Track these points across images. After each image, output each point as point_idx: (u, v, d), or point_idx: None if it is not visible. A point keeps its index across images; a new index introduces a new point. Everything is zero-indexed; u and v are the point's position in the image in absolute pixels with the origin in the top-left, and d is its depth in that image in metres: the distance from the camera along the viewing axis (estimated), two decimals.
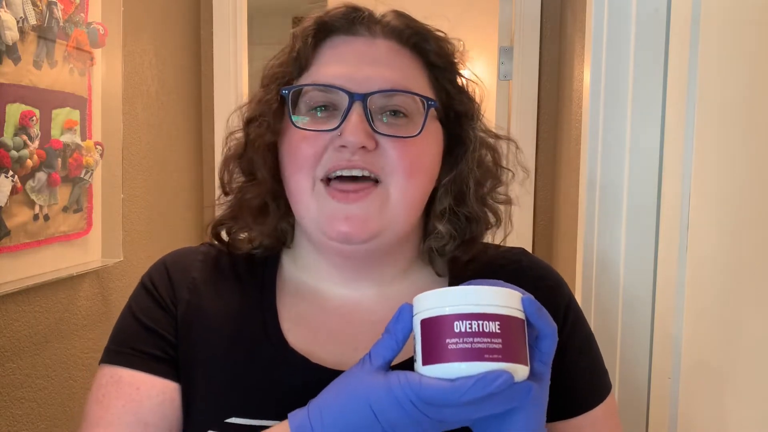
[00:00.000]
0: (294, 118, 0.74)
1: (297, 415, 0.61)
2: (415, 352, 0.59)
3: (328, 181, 0.72)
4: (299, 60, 0.76)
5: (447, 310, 0.56)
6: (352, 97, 0.71)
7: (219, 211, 0.83)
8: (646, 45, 1.11)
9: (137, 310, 0.77)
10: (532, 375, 0.59)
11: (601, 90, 1.21)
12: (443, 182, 0.79)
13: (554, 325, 0.61)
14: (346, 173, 0.71)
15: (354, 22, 0.76)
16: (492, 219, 0.82)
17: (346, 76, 0.72)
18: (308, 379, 0.66)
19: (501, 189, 0.83)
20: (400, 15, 0.78)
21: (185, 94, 2.15)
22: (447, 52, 0.79)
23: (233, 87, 2.21)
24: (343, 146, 0.71)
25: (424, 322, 0.58)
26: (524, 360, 0.57)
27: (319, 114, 0.74)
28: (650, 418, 1.10)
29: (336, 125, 0.71)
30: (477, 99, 0.81)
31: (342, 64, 0.73)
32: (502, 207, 0.83)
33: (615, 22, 1.16)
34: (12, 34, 1.26)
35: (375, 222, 0.72)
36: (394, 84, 0.72)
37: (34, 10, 1.34)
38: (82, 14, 1.51)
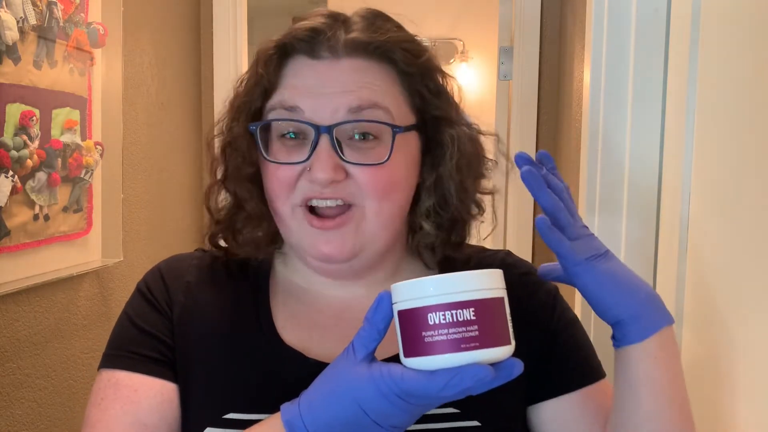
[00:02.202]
0: (265, 152, 0.75)
1: (288, 407, 0.63)
2: (398, 341, 0.59)
3: (307, 208, 0.74)
4: (262, 85, 0.76)
5: (421, 302, 0.56)
6: (318, 129, 0.71)
7: (209, 246, 0.85)
8: (646, 45, 1.11)
9: (133, 314, 0.78)
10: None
11: (601, 90, 1.21)
12: (426, 184, 0.79)
13: (564, 183, 0.69)
14: (321, 204, 0.73)
15: (315, 43, 0.74)
16: (474, 211, 0.83)
17: (311, 105, 0.72)
18: (304, 374, 0.67)
19: (484, 181, 0.83)
20: (366, 27, 0.75)
21: (185, 94, 2.15)
22: (418, 56, 0.77)
23: (233, 87, 2.20)
24: (314, 180, 0.72)
25: (401, 314, 0.58)
26: (506, 339, 0.57)
27: (290, 137, 0.74)
28: None
29: (306, 156, 0.72)
30: (456, 96, 0.81)
31: (305, 91, 0.73)
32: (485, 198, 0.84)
33: (615, 22, 1.16)
34: (12, 34, 1.26)
35: (352, 242, 0.74)
36: (361, 104, 0.72)
37: (34, 10, 1.34)
38: (82, 14, 1.51)
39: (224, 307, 0.78)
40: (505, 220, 2.38)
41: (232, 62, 2.20)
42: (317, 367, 0.68)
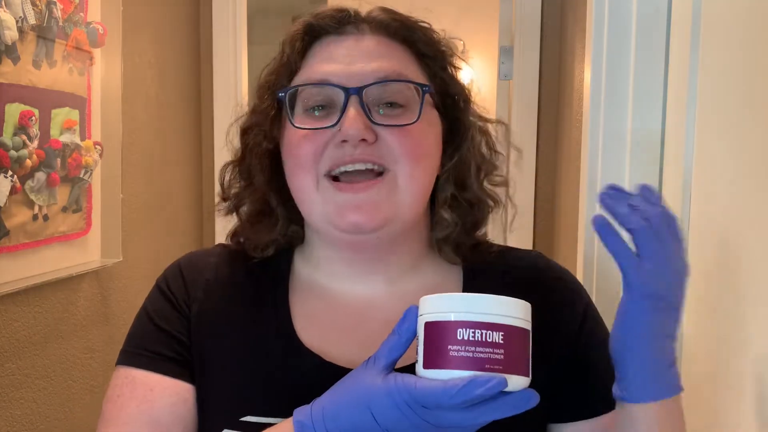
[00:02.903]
0: (292, 118, 0.74)
1: (301, 412, 0.62)
2: (417, 353, 0.59)
3: (332, 178, 0.73)
4: (289, 65, 0.76)
5: (451, 316, 0.56)
6: (347, 91, 0.71)
7: (218, 216, 0.84)
8: (647, 45, 1.11)
9: (152, 311, 0.78)
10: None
11: (601, 90, 1.20)
12: (445, 169, 0.79)
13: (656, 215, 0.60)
14: (350, 168, 0.72)
15: (342, 22, 0.76)
16: (491, 203, 0.83)
17: (340, 73, 0.73)
18: (321, 377, 0.66)
19: (496, 172, 0.84)
20: (385, 10, 0.78)
21: (185, 94, 2.15)
22: (435, 41, 0.79)
23: (233, 87, 2.21)
24: (344, 141, 0.71)
25: (428, 325, 0.58)
26: (525, 371, 0.57)
27: (316, 113, 0.74)
28: None
29: (334, 121, 0.71)
30: (467, 87, 0.82)
31: (333, 62, 0.74)
32: (499, 190, 0.84)
33: (615, 22, 1.16)
34: (11, 34, 1.26)
35: (385, 208, 0.72)
36: (387, 74, 0.73)
37: (33, 9, 1.34)
38: (81, 14, 1.51)
39: (243, 306, 0.78)
40: (506, 212, 2.38)
41: (231, 62, 2.20)
42: (335, 370, 0.68)
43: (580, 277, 1.33)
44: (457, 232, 0.80)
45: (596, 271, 1.23)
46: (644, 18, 1.11)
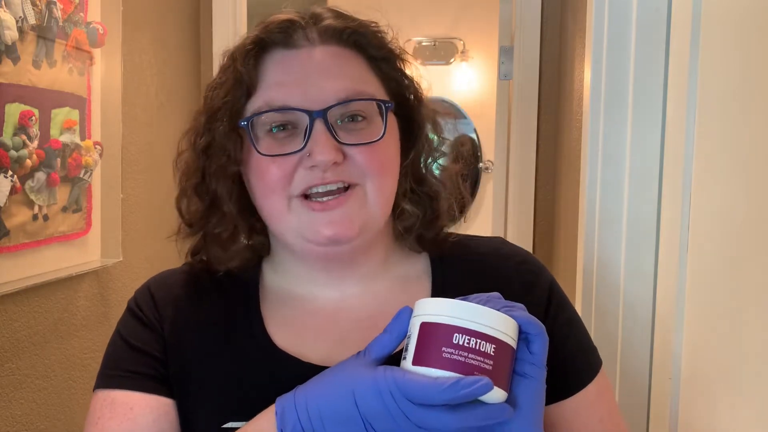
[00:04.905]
0: (257, 145, 0.74)
1: (284, 399, 0.63)
2: (406, 350, 0.60)
3: (304, 197, 0.74)
4: (243, 83, 0.75)
5: (450, 320, 0.58)
6: (312, 115, 0.72)
7: (178, 240, 0.84)
8: (647, 45, 1.11)
9: (125, 333, 0.78)
10: (515, 391, 0.61)
11: (601, 90, 1.20)
12: (403, 165, 0.81)
13: (541, 325, 0.63)
14: (321, 189, 0.73)
15: (290, 33, 0.76)
16: (443, 190, 0.84)
17: (299, 94, 0.73)
18: (299, 378, 0.67)
19: (443, 160, 0.86)
20: (334, 15, 0.78)
21: (185, 94, 2.15)
22: (385, 42, 0.79)
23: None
24: (314, 165, 0.72)
25: (424, 325, 0.60)
26: (506, 386, 0.60)
27: (277, 132, 0.74)
28: (651, 418, 1.09)
29: (301, 145, 0.72)
30: (417, 78, 0.83)
31: (290, 82, 0.74)
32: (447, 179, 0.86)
33: (615, 22, 1.16)
34: (11, 34, 1.26)
35: (357, 220, 0.73)
36: (348, 91, 0.73)
37: (33, 9, 1.34)
38: (81, 14, 1.51)
39: (215, 317, 0.78)
40: (506, 212, 2.38)
41: None
42: (313, 370, 0.68)
43: (579, 278, 1.33)
44: (419, 224, 0.81)
45: (596, 272, 1.23)
46: (644, 18, 1.11)
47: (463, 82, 4.15)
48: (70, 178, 1.49)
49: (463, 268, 0.81)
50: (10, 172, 1.29)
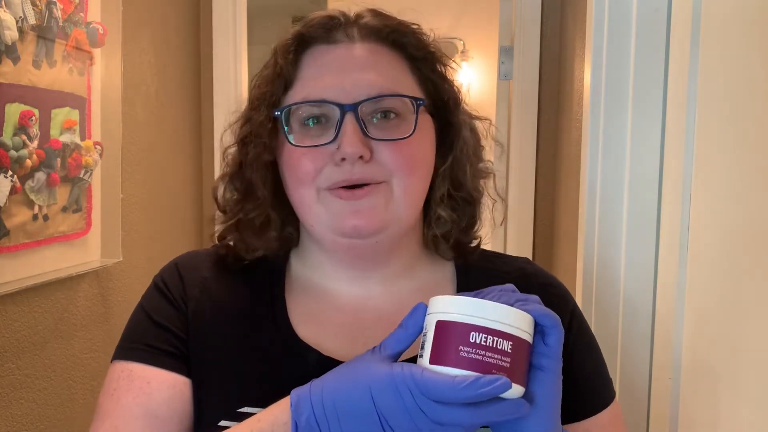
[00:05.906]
0: (290, 137, 0.75)
1: (299, 391, 0.63)
2: (422, 348, 0.60)
3: (332, 188, 0.74)
4: (283, 77, 0.77)
5: (466, 319, 0.58)
6: (343, 108, 0.72)
7: (218, 224, 0.85)
8: (647, 45, 1.11)
9: (148, 308, 0.79)
10: (533, 383, 0.62)
11: (601, 90, 1.20)
12: (441, 169, 0.81)
13: (556, 316, 0.63)
14: (348, 184, 0.74)
15: (331, 29, 0.77)
16: (481, 198, 0.85)
17: (334, 87, 0.74)
18: (317, 370, 0.67)
19: (481, 165, 0.86)
20: (375, 14, 0.79)
21: (185, 94, 2.15)
22: (425, 43, 0.80)
23: (233, 87, 2.20)
24: (343, 159, 0.72)
25: (440, 324, 0.59)
26: (523, 381, 0.60)
27: (311, 125, 0.75)
28: (651, 418, 1.09)
29: (331, 138, 0.73)
30: (456, 84, 0.84)
31: (327, 75, 0.75)
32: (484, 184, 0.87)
33: (615, 22, 1.16)
34: (11, 34, 1.26)
35: (382, 215, 0.74)
36: (381, 87, 0.74)
37: (33, 9, 1.34)
38: (81, 14, 1.51)
39: (239, 302, 0.79)
40: (505, 221, 2.37)
41: (231, 62, 2.20)
42: (331, 362, 0.69)
43: (579, 278, 1.33)
44: (456, 230, 0.81)
45: (596, 272, 1.23)
46: (644, 18, 1.11)
47: (463, 82, 4.16)
48: (70, 178, 1.49)
49: (487, 281, 0.80)
50: (10, 172, 1.29)
